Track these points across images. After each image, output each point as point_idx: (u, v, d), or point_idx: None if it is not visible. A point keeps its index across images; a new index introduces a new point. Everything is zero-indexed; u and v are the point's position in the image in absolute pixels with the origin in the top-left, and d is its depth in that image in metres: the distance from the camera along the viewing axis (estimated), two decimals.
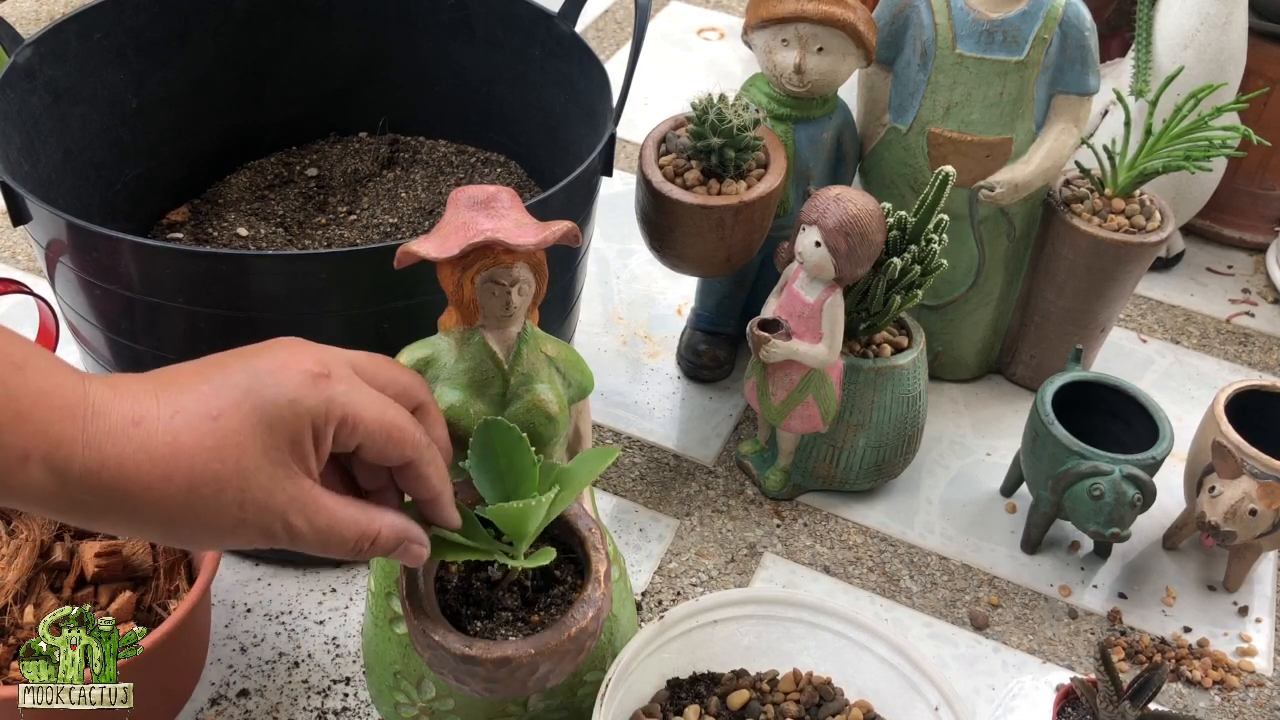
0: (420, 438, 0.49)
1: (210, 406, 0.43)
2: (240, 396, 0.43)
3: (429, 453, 0.49)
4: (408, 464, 0.49)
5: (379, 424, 0.47)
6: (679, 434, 0.92)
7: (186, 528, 0.43)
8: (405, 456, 0.48)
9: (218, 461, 0.42)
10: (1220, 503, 0.76)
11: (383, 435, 0.47)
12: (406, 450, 0.48)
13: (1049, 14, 0.81)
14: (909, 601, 0.80)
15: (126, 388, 0.42)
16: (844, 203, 0.73)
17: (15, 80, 0.75)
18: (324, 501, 0.45)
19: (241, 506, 0.43)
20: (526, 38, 0.92)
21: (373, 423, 0.46)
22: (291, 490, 0.44)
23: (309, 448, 0.45)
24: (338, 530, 0.46)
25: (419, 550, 0.50)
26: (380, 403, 0.47)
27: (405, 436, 0.48)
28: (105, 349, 0.72)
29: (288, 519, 0.44)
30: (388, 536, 0.48)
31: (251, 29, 0.93)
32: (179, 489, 0.41)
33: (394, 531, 0.48)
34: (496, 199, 0.54)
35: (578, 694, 0.61)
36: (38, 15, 1.38)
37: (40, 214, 0.65)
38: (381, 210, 0.94)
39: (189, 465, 0.41)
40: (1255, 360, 1.05)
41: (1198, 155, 0.86)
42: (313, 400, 0.44)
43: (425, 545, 0.50)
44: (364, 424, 0.46)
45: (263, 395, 0.43)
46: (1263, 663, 0.79)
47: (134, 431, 0.41)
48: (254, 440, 0.43)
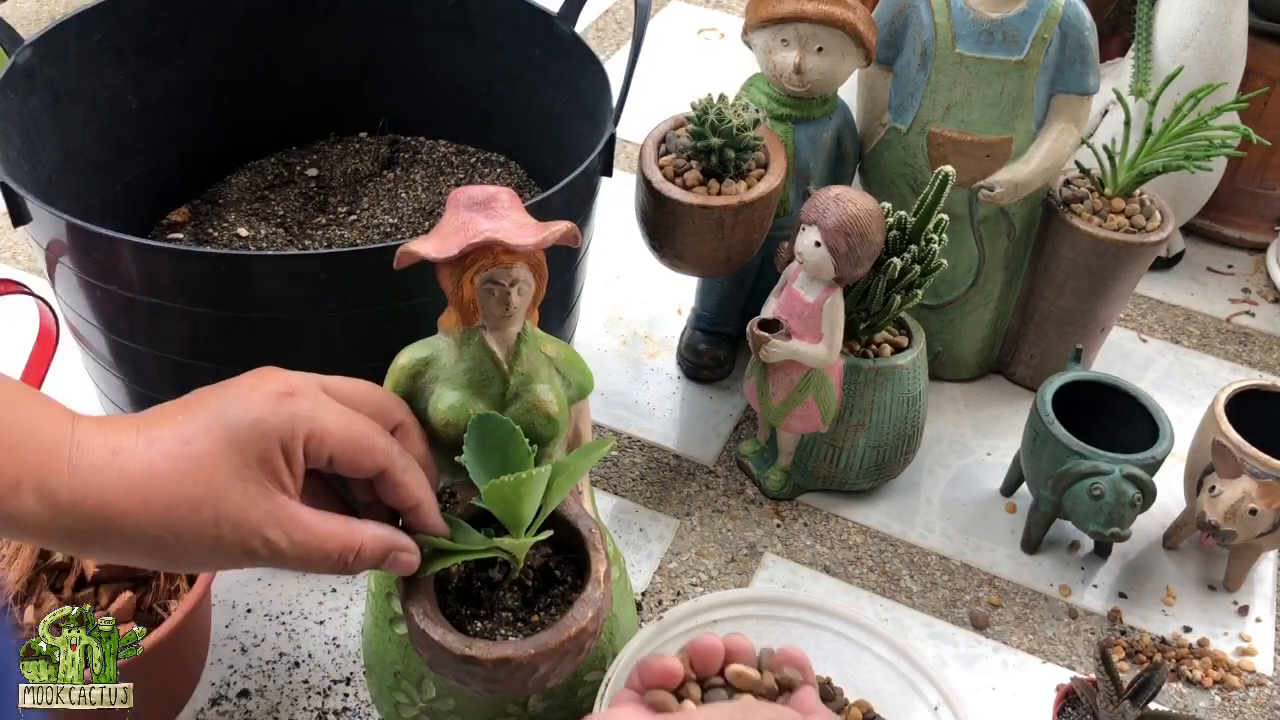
0: (390, 447, 0.50)
1: (183, 433, 0.44)
2: (211, 420, 0.45)
3: (402, 460, 0.50)
4: (382, 473, 0.49)
5: (346, 435, 0.48)
6: (679, 434, 0.92)
7: (170, 550, 0.44)
8: (377, 465, 0.49)
9: (190, 483, 0.44)
10: (1220, 502, 0.76)
11: (351, 446, 0.48)
12: (377, 458, 0.49)
13: (1049, 14, 0.81)
14: (909, 601, 0.80)
15: (111, 424, 0.45)
16: (844, 203, 0.73)
17: (15, 81, 0.75)
18: (301, 516, 0.46)
19: (218, 525, 0.44)
20: (526, 38, 0.92)
21: (340, 434, 0.47)
22: (266, 506, 0.45)
23: (280, 464, 0.46)
24: (318, 544, 0.47)
25: (408, 559, 0.50)
26: (346, 416, 0.48)
27: (374, 445, 0.49)
28: (105, 349, 0.72)
29: (265, 535, 0.45)
30: (371, 548, 0.49)
31: (251, 29, 0.93)
32: (156, 512, 0.43)
33: (378, 542, 0.49)
34: (496, 199, 0.54)
35: (578, 694, 0.61)
36: (38, 15, 1.38)
37: (40, 215, 0.65)
38: (381, 210, 0.94)
39: (164, 488, 0.43)
40: (1255, 360, 1.05)
41: (1198, 155, 0.86)
42: (278, 418, 0.45)
43: (414, 553, 0.51)
44: (331, 436, 0.47)
45: (230, 417, 0.45)
46: (1263, 662, 0.79)
47: (113, 461, 0.43)
48: (224, 461, 0.44)
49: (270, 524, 0.45)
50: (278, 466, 0.46)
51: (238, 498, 0.44)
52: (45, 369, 0.74)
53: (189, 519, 0.43)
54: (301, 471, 0.47)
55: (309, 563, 0.47)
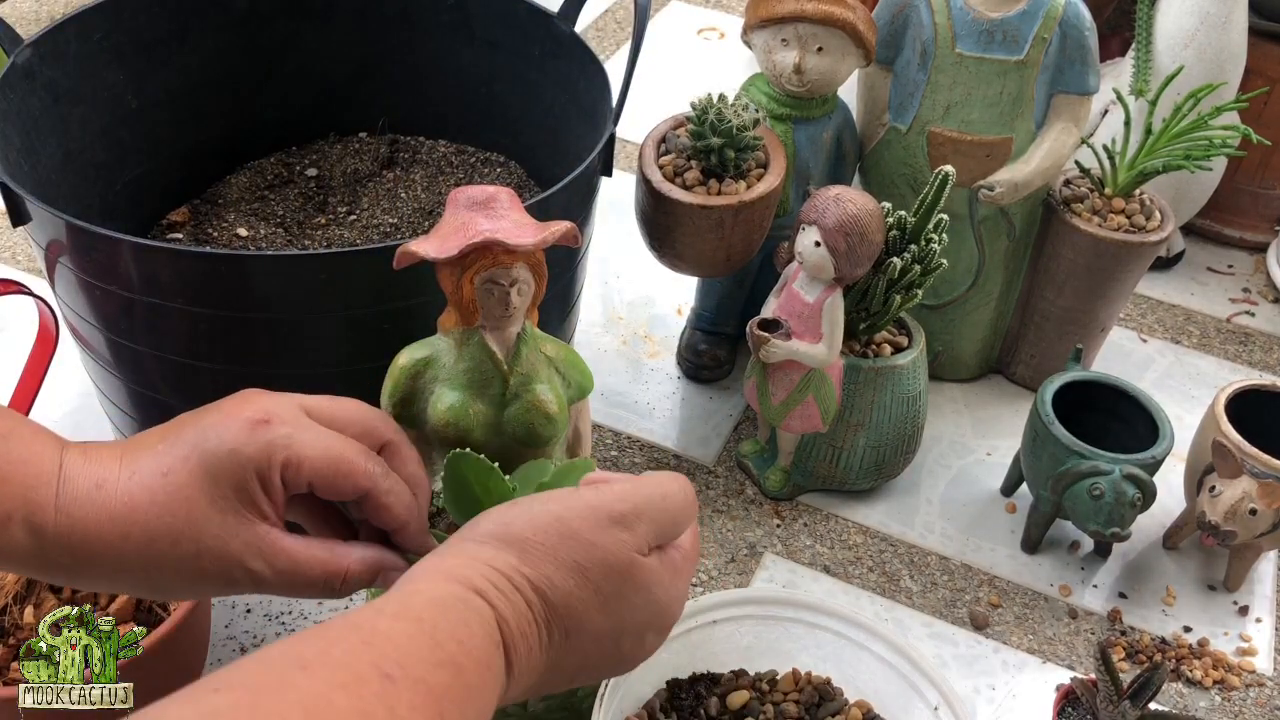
0: (372, 469, 0.48)
1: (162, 464, 0.44)
2: (188, 451, 0.45)
3: (386, 482, 0.49)
4: (365, 496, 0.48)
5: (324, 460, 0.47)
6: (679, 434, 0.92)
7: (153, 582, 0.44)
8: (358, 488, 0.48)
9: (170, 515, 0.44)
10: (1220, 502, 0.76)
11: (330, 470, 0.47)
12: (359, 481, 0.48)
13: (1049, 13, 0.81)
14: (909, 601, 0.80)
15: (97, 454, 0.45)
16: (843, 202, 0.73)
17: (15, 81, 0.75)
18: (283, 544, 0.46)
19: (198, 557, 0.44)
20: (526, 38, 0.92)
21: (318, 460, 0.46)
22: (246, 536, 0.45)
23: (258, 493, 0.45)
24: (301, 571, 0.46)
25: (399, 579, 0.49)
26: (325, 439, 0.47)
27: (353, 469, 0.48)
28: (105, 349, 0.72)
29: (246, 565, 0.45)
30: (358, 570, 0.48)
31: (251, 29, 0.93)
32: (137, 545, 0.43)
33: (365, 565, 0.48)
34: (496, 199, 0.54)
35: (577, 694, 0.61)
36: (38, 15, 1.38)
37: (40, 214, 0.65)
38: (381, 210, 0.94)
39: (144, 522, 0.43)
40: (1255, 360, 1.05)
41: (1198, 155, 0.86)
42: (252, 448, 0.45)
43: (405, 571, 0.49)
44: (309, 463, 0.46)
45: (205, 448, 0.45)
46: (1263, 662, 0.78)
47: (97, 495, 0.43)
48: (201, 492, 0.44)
49: (251, 554, 0.45)
50: (256, 495, 0.45)
51: (216, 529, 0.44)
52: (45, 369, 0.74)
53: (170, 552, 0.44)
54: (282, 498, 0.46)
55: (295, 589, 0.47)
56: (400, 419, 0.56)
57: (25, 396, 0.74)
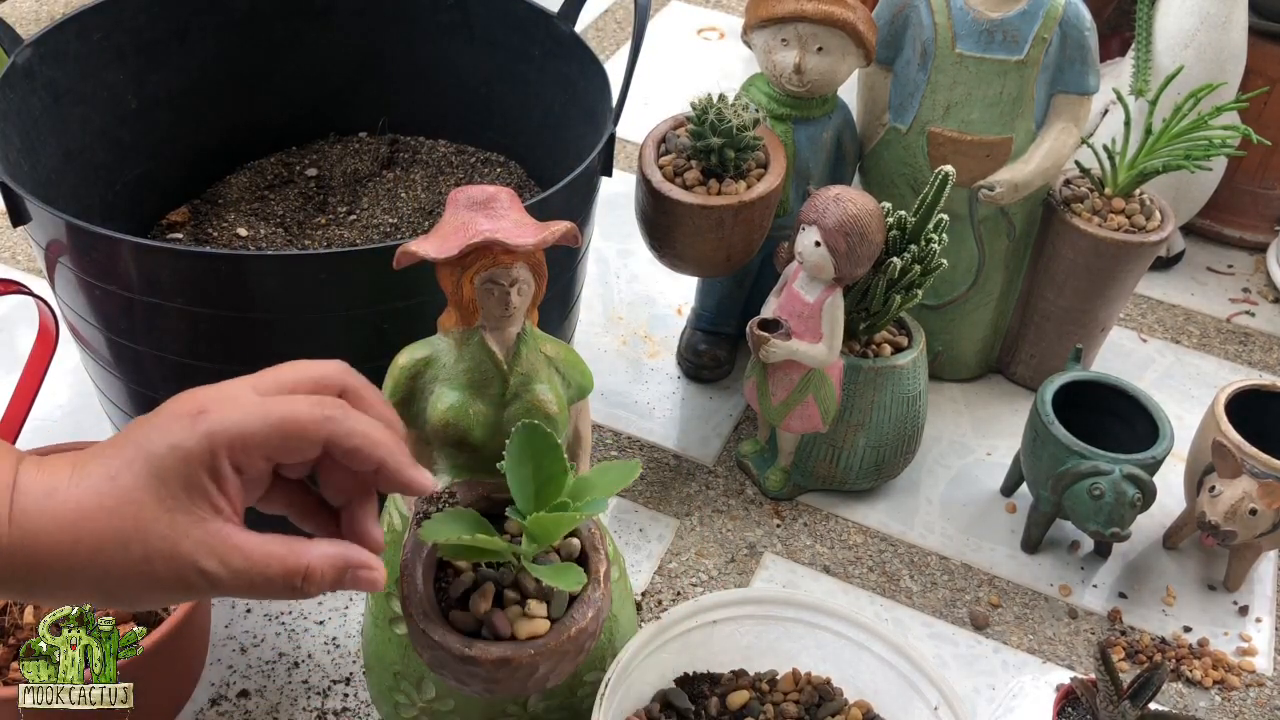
0: (324, 414, 0.45)
1: (110, 468, 0.43)
2: (134, 453, 0.44)
3: (346, 424, 0.45)
4: (328, 447, 0.45)
5: (268, 428, 0.44)
6: (679, 434, 0.92)
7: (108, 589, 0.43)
8: (315, 440, 0.45)
9: (118, 520, 0.43)
10: (1220, 502, 0.76)
11: (278, 436, 0.44)
12: (312, 432, 0.45)
13: (1049, 14, 0.81)
14: (909, 601, 0.80)
15: (51, 464, 0.44)
16: (843, 202, 0.73)
17: (15, 80, 0.75)
18: (237, 540, 0.44)
19: (148, 560, 0.43)
20: (526, 38, 0.92)
21: (261, 430, 0.44)
22: (197, 535, 0.43)
23: (208, 486, 0.44)
24: (259, 569, 0.44)
25: (369, 576, 0.46)
26: (265, 407, 0.45)
27: (302, 425, 0.45)
28: (105, 349, 0.72)
29: (199, 566, 0.43)
30: (320, 567, 0.45)
31: (251, 29, 0.93)
32: (88, 551, 0.42)
33: (327, 560, 0.45)
34: (496, 199, 0.54)
35: (578, 694, 0.61)
36: (38, 15, 1.38)
37: (40, 214, 0.65)
38: (381, 210, 0.94)
39: (93, 528, 0.42)
40: (1255, 360, 1.05)
41: (1198, 155, 0.86)
42: (191, 441, 0.44)
43: (376, 569, 0.47)
44: (253, 436, 0.44)
45: (149, 449, 0.44)
46: (1263, 662, 0.79)
47: (47, 504, 0.42)
48: (149, 493, 0.43)
49: (204, 553, 0.43)
50: (207, 490, 0.44)
51: (165, 530, 0.43)
52: (45, 369, 0.74)
53: (119, 557, 0.42)
54: (237, 488, 0.45)
55: (254, 589, 0.44)
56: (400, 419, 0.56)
57: (25, 396, 0.74)
